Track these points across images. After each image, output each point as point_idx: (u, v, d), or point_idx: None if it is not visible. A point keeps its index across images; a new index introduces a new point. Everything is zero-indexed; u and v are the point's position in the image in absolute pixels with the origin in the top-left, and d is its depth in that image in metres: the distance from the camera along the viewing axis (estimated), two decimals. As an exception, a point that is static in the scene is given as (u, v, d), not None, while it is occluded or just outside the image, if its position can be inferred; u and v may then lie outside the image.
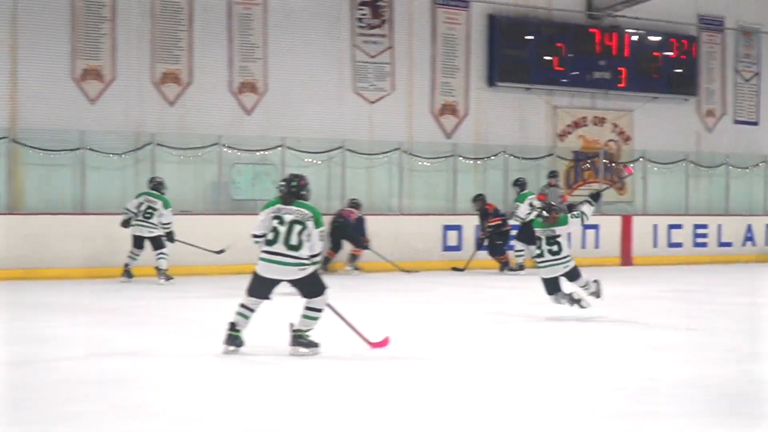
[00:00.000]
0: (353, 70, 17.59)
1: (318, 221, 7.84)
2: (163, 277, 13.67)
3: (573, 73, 19.26)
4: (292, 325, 7.77)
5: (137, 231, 13.73)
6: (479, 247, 16.36)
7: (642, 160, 19.83)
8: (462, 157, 18.22)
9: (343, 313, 8.17)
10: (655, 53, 20.05)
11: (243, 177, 16.34)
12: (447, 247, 16.98)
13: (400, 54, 17.93)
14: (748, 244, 19.97)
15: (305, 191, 7.96)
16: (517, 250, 16.17)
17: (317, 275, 7.91)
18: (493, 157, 18.47)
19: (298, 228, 7.73)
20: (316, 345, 7.76)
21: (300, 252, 7.71)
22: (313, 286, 7.79)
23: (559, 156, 19.29)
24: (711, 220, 19.72)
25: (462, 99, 18.53)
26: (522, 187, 16.44)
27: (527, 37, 18.95)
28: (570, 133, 19.61)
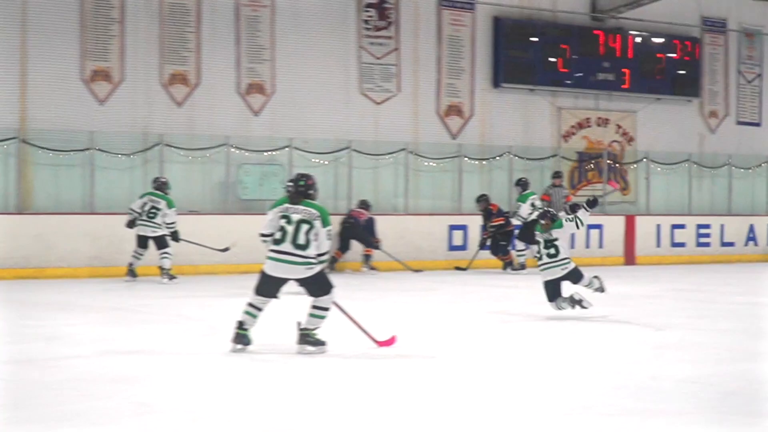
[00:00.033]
0: (360, 71, 17.65)
1: (325, 220, 7.88)
2: (167, 276, 13.73)
3: (577, 74, 19.29)
4: (299, 324, 7.82)
5: (141, 231, 13.79)
6: (482, 247, 16.47)
7: (645, 160, 19.90)
8: (467, 158, 18.28)
9: (349, 311, 8.22)
10: (659, 55, 20.07)
11: (250, 177, 16.39)
12: (452, 247, 17.06)
13: (406, 55, 17.99)
14: (751, 244, 20.03)
15: (313, 191, 8.00)
16: (518, 250, 16.30)
17: (324, 274, 7.95)
18: (498, 157, 18.54)
19: (305, 227, 7.78)
20: (323, 343, 7.81)
21: (307, 251, 7.76)
22: (320, 285, 7.84)
23: (563, 157, 19.33)
24: (714, 220, 19.78)
25: (467, 100, 18.60)
26: (524, 187, 16.53)
27: (532, 39, 18.98)
28: (574, 134, 19.66)
